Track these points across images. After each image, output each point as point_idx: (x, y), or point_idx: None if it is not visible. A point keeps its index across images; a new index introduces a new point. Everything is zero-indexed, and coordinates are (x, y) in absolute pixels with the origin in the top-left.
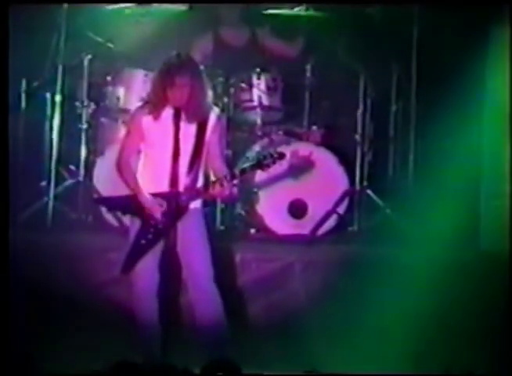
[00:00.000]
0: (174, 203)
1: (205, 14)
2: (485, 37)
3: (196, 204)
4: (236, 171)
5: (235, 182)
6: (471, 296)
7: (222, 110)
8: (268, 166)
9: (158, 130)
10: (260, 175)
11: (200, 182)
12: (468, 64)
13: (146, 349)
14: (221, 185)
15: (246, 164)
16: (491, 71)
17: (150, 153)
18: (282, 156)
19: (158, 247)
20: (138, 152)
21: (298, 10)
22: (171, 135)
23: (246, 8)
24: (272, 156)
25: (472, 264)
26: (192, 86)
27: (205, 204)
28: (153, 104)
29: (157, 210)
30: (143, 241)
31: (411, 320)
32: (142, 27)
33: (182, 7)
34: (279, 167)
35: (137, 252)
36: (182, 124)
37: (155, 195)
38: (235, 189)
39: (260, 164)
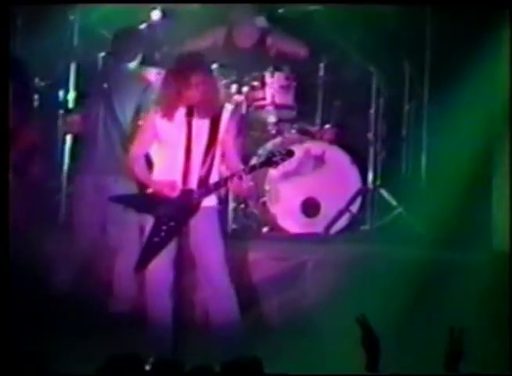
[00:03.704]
0: (187, 200)
1: (218, 13)
2: (498, 37)
3: (210, 202)
4: (246, 169)
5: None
6: (484, 296)
7: (236, 108)
8: (277, 163)
9: (172, 129)
10: (273, 174)
11: (213, 179)
12: (480, 64)
13: (158, 347)
14: (240, 178)
15: (256, 162)
16: (503, 71)
17: (164, 152)
18: (291, 153)
19: (172, 245)
20: (149, 150)
21: (312, 9)
22: (184, 133)
23: (259, 7)
24: (280, 153)
25: (484, 264)
26: (206, 83)
27: (220, 202)
28: (167, 104)
29: (172, 190)
30: (157, 239)
31: (423, 319)
32: (154, 26)
33: (196, 6)
34: (292, 165)
35: (151, 250)
36: (196, 122)
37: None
38: (252, 184)
39: (269, 162)
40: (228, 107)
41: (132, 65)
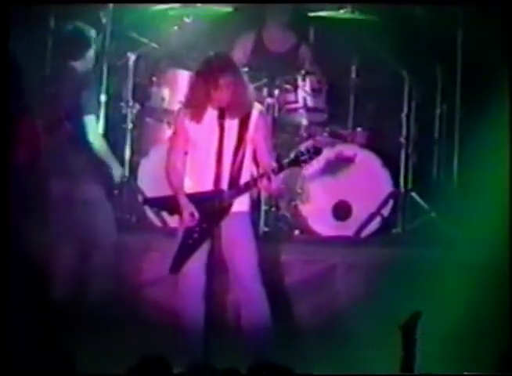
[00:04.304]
0: (218, 202)
1: (251, 15)
2: None
3: (242, 206)
4: (275, 169)
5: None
6: None
7: (267, 111)
8: (305, 162)
9: (202, 131)
10: (304, 177)
11: (243, 179)
12: None
13: (189, 349)
14: (268, 178)
15: (284, 161)
16: None
17: (195, 155)
18: (318, 151)
19: (205, 247)
20: (185, 154)
21: (343, 13)
22: (215, 135)
23: (292, 10)
24: (308, 151)
25: None
26: (235, 84)
27: (251, 205)
28: (196, 107)
29: (189, 220)
30: (190, 241)
31: (453, 322)
32: (187, 28)
33: (228, 8)
34: (323, 168)
35: (184, 252)
36: (225, 123)
37: (199, 194)
38: (281, 184)
39: (297, 161)
40: (258, 106)
41: (80, 67)
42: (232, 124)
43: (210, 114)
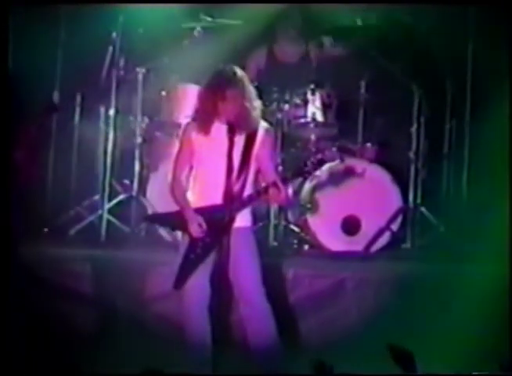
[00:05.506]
0: (221, 216)
1: (260, 29)
2: None
3: (244, 221)
4: (279, 181)
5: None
6: None
7: (276, 126)
8: (309, 173)
9: (209, 145)
10: (314, 192)
11: (246, 193)
12: None
13: (197, 365)
14: (277, 188)
15: (288, 173)
16: None
17: (200, 168)
18: (322, 162)
19: (209, 262)
20: (190, 168)
21: (354, 27)
22: (222, 149)
23: (301, 23)
24: (312, 163)
25: None
26: (242, 98)
27: (254, 221)
28: (203, 120)
29: (198, 231)
30: (192, 256)
31: (463, 337)
32: (196, 42)
33: (237, 22)
34: (333, 183)
35: (187, 267)
36: (232, 138)
37: (203, 209)
38: (290, 193)
39: (300, 172)
40: (264, 124)
41: None
42: (239, 139)
43: (219, 128)
